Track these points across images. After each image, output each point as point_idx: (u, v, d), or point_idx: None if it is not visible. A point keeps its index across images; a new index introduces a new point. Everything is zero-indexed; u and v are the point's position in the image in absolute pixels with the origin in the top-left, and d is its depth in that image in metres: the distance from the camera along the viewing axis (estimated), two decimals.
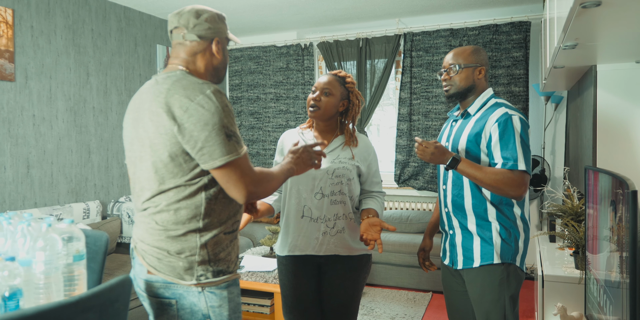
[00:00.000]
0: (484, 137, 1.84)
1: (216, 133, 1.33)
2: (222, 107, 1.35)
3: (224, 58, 1.55)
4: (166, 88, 1.39)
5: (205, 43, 1.50)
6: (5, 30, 3.38)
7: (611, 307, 1.51)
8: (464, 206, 1.91)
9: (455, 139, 1.96)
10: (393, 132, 5.19)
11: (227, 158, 1.34)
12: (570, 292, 2.31)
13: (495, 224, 1.86)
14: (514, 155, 1.76)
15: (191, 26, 1.47)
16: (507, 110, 1.83)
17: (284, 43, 5.36)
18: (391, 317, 3.51)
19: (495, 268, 1.85)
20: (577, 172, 3.04)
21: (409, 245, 4.15)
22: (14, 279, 1.24)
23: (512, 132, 1.78)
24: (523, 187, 1.75)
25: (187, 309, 1.43)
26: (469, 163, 1.79)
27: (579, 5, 1.29)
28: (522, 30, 4.39)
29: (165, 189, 1.40)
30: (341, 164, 2.04)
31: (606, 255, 1.60)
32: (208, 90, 1.36)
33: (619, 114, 2.29)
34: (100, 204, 4.00)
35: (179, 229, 1.40)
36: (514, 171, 1.75)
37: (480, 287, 1.88)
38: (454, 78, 1.95)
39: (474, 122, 1.90)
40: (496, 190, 1.76)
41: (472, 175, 1.78)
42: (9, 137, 3.44)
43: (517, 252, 1.86)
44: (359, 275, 2.10)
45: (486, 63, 1.96)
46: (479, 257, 1.87)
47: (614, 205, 1.46)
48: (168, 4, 4.38)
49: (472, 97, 1.97)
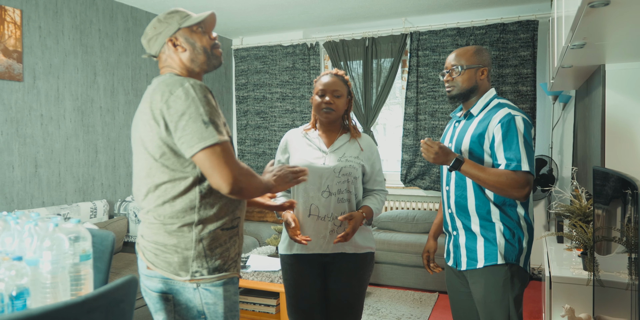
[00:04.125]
0: (487, 138, 1.83)
1: (193, 121, 1.37)
2: (200, 98, 1.39)
3: (192, 48, 1.55)
4: (153, 88, 1.47)
5: (166, 47, 1.55)
6: (14, 31, 3.40)
7: (620, 308, 1.50)
8: (467, 207, 1.90)
9: (458, 140, 1.95)
10: (399, 131, 5.18)
11: (204, 144, 1.36)
12: (578, 293, 2.29)
13: (499, 225, 1.85)
14: (517, 156, 1.74)
15: (147, 47, 1.58)
16: (510, 110, 1.82)
17: (290, 42, 5.36)
18: (397, 317, 3.50)
19: (499, 269, 1.84)
20: (585, 172, 3.02)
21: (415, 245, 4.14)
22: (21, 279, 1.24)
23: (515, 132, 1.77)
24: (527, 187, 1.74)
25: (183, 305, 1.46)
26: (472, 164, 1.78)
27: (587, 4, 1.27)
28: (530, 29, 4.37)
29: (159, 184, 1.44)
30: (348, 163, 2.06)
31: (615, 256, 1.59)
32: (187, 83, 1.41)
33: (628, 114, 2.27)
34: (107, 203, 4.01)
35: (175, 223, 1.44)
36: (517, 172, 1.73)
37: (484, 288, 1.87)
38: (456, 79, 1.93)
39: (477, 123, 1.89)
40: (500, 191, 1.76)
41: (476, 176, 1.77)
42: (17, 136, 3.46)
43: (521, 252, 1.86)
44: (364, 273, 2.12)
45: (489, 63, 1.95)
46: (482, 258, 1.87)
47: (623, 206, 1.45)
48: (175, 4, 4.38)
49: (474, 98, 1.95)
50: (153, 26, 1.55)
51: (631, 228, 1.34)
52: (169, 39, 1.54)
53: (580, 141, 3.49)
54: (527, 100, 4.42)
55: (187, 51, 1.55)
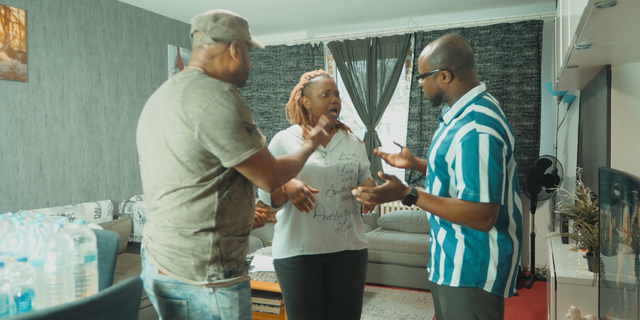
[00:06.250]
0: (449, 157, 1.58)
1: (237, 129, 1.36)
2: (241, 104, 1.37)
3: (243, 62, 1.55)
4: (183, 87, 1.41)
5: (223, 46, 1.51)
6: (18, 31, 3.41)
7: (626, 310, 1.49)
8: (433, 215, 1.70)
9: (430, 149, 1.73)
10: (403, 131, 5.17)
11: (252, 151, 1.38)
12: (583, 294, 2.29)
13: (461, 243, 1.62)
14: (476, 184, 1.48)
15: (209, 29, 1.49)
16: (477, 125, 1.52)
17: (294, 42, 5.36)
18: (401, 317, 3.50)
19: (456, 291, 1.62)
20: (591, 172, 3.00)
21: (420, 246, 4.13)
22: (26, 280, 1.25)
23: (476, 155, 1.49)
24: (489, 219, 1.49)
25: (198, 310, 1.43)
26: (427, 198, 1.58)
27: (594, 4, 1.27)
28: (534, 29, 4.35)
29: (180, 187, 1.41)
30: (348, 160, 2.09)
31: (621, 257, 1.58)
32: (226, 87, 1.38)
33: (633, 114, 2.26)
34: (111, 203, 4.02)
35: (192, 228, 1.41)
36: (477, 203, 1.49)
37: (445, 306, 1.68)
38: (423, 87, 1.74)
39: (447, 132, 1.63)
40: (462, 224, 1.55)
41: (433, 210, 1.57)
42: (22, 137, 3.47)
43: (484, 278, 1.59)
44: (364, 270, 2.15)
45: (452, 62, 1.63)
46: (442, 275, 1.66)
47: (629, 207, 1.44)
48: (179, 5, 4.39)
49: (452, 101, 1.69)
50: (229, 22, 1.50)
51: (637, 229, 1.33)
52: (235, 42, 1.51)
53: (585, 141, 3.47)
54: (531, 100, 4.41)
55: (240, 62, 1.53)
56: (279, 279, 2.09)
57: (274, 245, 2.11)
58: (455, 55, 1.63)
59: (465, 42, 1.67)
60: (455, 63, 1.63)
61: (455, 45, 1.63)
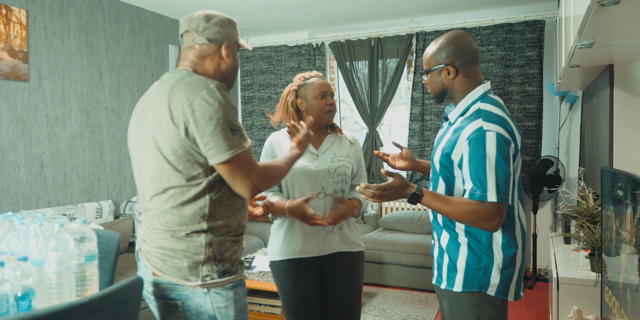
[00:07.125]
0: (455, 154, 1.55)
1: (221, 127, 1.34)
2: (226, 102, 1.36)
3: (233, 63, 1.55)
4: (170, 86, 1.41)
5: (215, 47, 1.51)
6: (20, 31, 3.41)
7: (629, 311, 1.48)
8: (436, 217, 1.69)
9: (435, 149, 1.70)
10: (405, 131, 5.16)
11: (233, 152, 1.35)
12: (585, 295, 2.28)
13: (464, 247, 1.60)
14: (483, 183, 1.46)
15: (201, 30, 1.49)
16: (484, 123, 1.50)
17: (296, 43, 5.35)
18: (403, 318, 3.49)
19: (460, 295, 1.61)
20: (593, 172, 2.99)
21: (421, 246, 4.12)
22: (26, 279, 1.24)
23: (483, 153, 1.46)
24: (497, 219, 1.47)
25: (194, 311, 1.43)
26: (433, 196, 1.55)
27: (597, 3, 1.26)
28: (536, 29, 4.35)
29: (169, 188, 1.40)
30: (340, 162, 2.07)
31: (624, 257, 1.57)
32: (212, 84, 1.37)
33: (636, 114, 2.25)
34: (112, 203, 4.02)
35: (184, 230, 1.41)
36: (484, 203, 1.46)
37: (448, 309, 1.67)
38: (427, 83, 1.71)
39: (452, 131, 1.61)
40: (467, 224, 1.52)
41: (438, 209, 1.54)
42: (23, 137, 3.47)
43: (487, 283, 1.57)
44: (360, 271, 2.13)
45: (457, 58, 1.60)
46: (445, 279, 1.65)
47: (633, 207, 1.43)
48: (180, 5, 4.39)
49: (456, 99, 1.66)
50: (221, 22, 1.50)
51: None
52: (227, 43, 1.51)
53: (588, 141, 3.46)
54: (533, 100, 4.40)
55: (230, 63, 1.53)
56: (275, 280, 2.09)
57: (270, 247, 2.11)
58: (460, 51, 1.60)
59: (471, 38, 1.65)
60: (460, 58, 1.60)
61: (460, 40, 1.61)
